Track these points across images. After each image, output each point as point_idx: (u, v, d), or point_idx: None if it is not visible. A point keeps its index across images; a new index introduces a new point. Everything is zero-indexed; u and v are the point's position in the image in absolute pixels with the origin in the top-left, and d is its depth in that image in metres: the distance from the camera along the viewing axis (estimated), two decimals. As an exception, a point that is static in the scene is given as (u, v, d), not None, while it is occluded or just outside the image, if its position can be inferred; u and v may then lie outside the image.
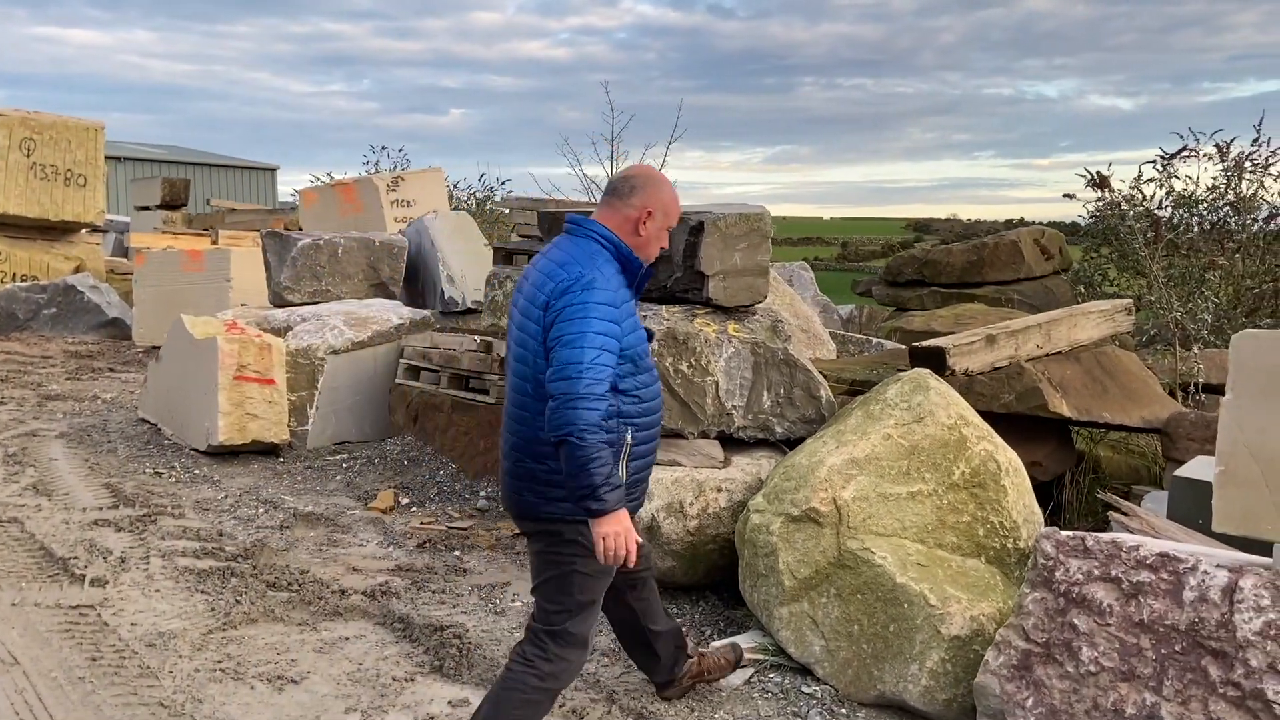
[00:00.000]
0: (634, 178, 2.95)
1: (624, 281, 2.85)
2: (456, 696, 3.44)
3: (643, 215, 2.86)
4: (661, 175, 3.01)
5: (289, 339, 7.52)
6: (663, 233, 2.92)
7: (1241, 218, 8.09)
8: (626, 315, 2.79)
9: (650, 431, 2.90)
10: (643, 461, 2.91)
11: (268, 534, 5.22)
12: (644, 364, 2.86)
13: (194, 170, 35.55)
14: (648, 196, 2.87)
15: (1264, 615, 2.63)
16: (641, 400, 2.82)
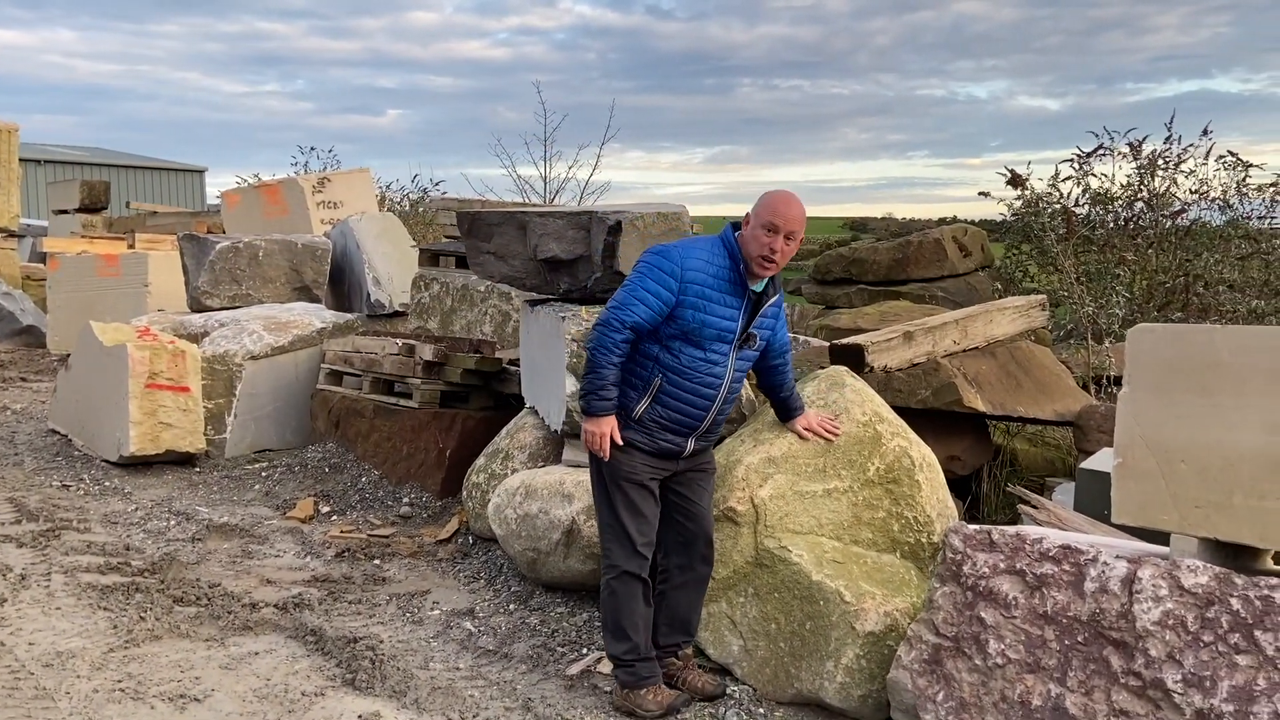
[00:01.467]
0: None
1: (726, 276, 3.31)
2: (368, 710, 3.35)
3: (745, 219, 3.37)
4: (775, 192, 3.36)
5: (205, 345, 7.33)
6: (757, 230, 3.28)
7: (1154, 214, 8.31)
8: (696, 294, 3.27)
9: (682, 394, 3.33)
10: (666, 413, 3.35)
11: (178, 547, 5.06)
12: (700, 342, 3.30)
13: (118, 172, 34.55)
14: (755, 206, 3.35)
15: (1161, 605, 2.67)
16: (681, 363, 3.31)
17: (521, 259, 4.96)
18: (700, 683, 3.51)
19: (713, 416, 3.40)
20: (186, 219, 17.24)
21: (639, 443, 3.36)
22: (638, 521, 3.38)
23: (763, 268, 3.31)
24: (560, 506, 4.28)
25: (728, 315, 3.32)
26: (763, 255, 3.27)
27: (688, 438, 3.40)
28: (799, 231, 3.33)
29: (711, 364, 3.33)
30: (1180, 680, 2.62)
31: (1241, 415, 2.60)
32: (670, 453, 3.41)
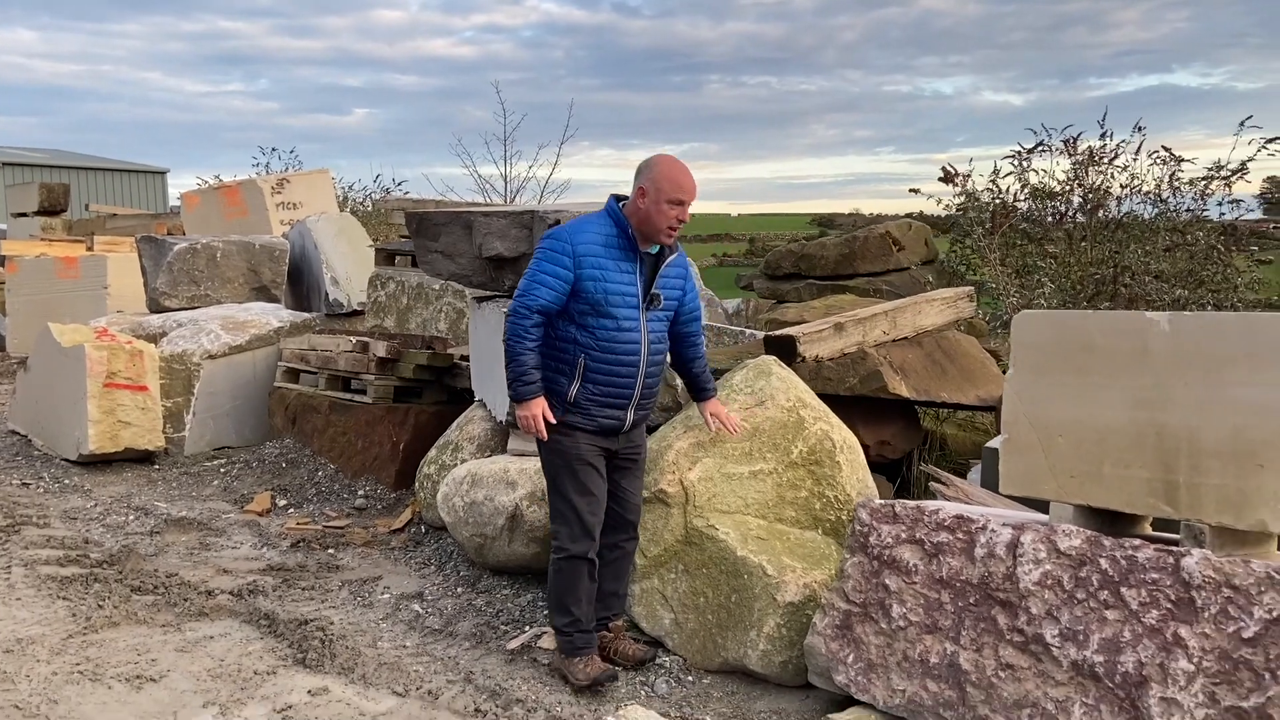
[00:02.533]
0: (641, 164, 3.57)
1: (618, 244, 3.49)
2: (317, 685, 3.54)
3: (639, 194, 3.49)
4: (658, 159, 3.53)
5: (163, 345, 7.44)
6: (662, 205, 3.44)
7: (1089, 208, 8.62)
8: (591, 266, 3.43)
9: (606, 367, 3.48)
10: (597, 390, 3.50)
11: (136, 540, 5.21)
12: (607, 310, 3.44)
13: (79, 174, 34.19)
14: (642, 179, 3.49)
15: (1041, 567, 2.92)
16: (597, 338, 3.46)
17: (468, 257, 5.15)
18: (630, 650, 3.72)
19: (641, 383, 3.55)
20: (147, 221, 17.23)
21: (580, 424, 3.53)
22: (586, 500, 3.55)
23: (669, 238, 3.51)
24: (504, 493, 4.48)
25: (627, 280, 3.49)
26: (670, 227, 3.47)
27: (625, 409, 3.56)
28: (695, 197, 3.54)
29: (625, 331, 3.48)
30: (1058, 635, 2.87)
31: (1110, 393, 2.85)
32: (611, 428, 3.57)
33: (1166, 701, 2.65)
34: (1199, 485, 2.67)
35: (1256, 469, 2.58)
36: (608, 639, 3.72)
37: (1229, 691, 2.56)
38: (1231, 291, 7.82)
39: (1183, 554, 2.67)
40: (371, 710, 3.36)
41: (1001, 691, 2.96)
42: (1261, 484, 2.57)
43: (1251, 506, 2.59)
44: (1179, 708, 2.63)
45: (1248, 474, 2.59)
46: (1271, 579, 2.53)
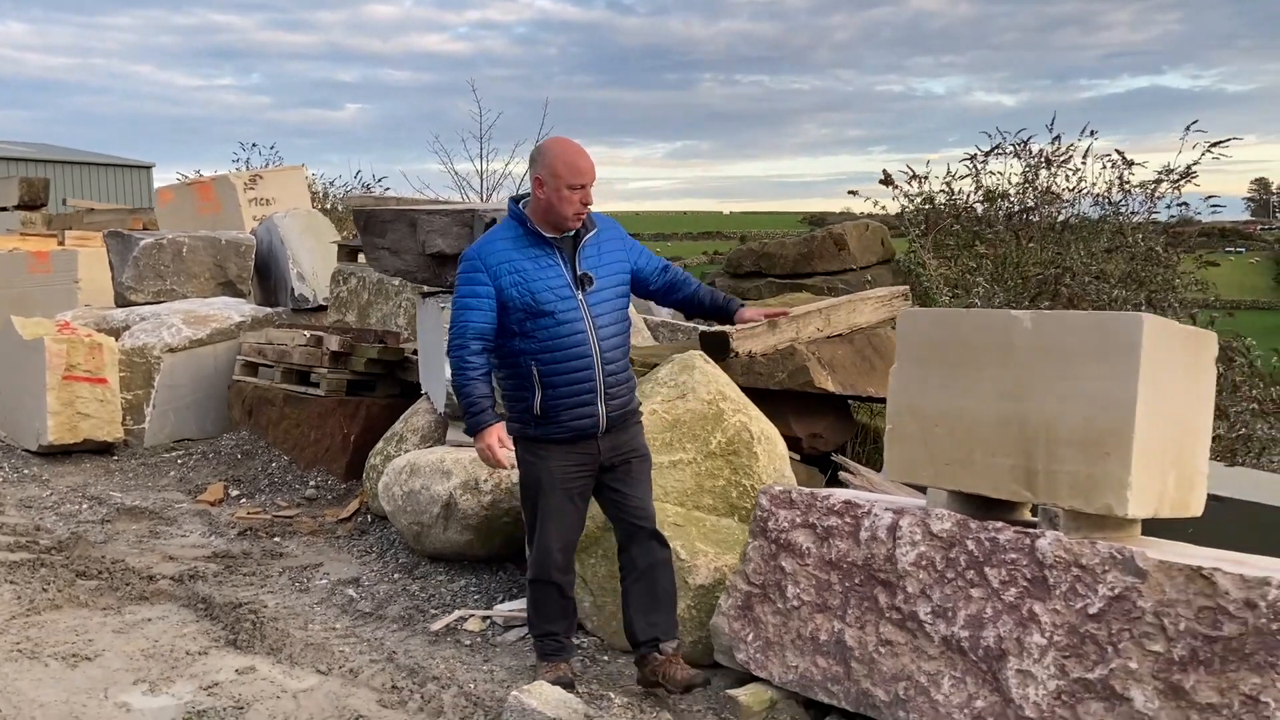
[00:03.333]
0: (533, 153, 3.49)
1: (527, 242, 3.39)
2: (244, 665, 3.70)
3: (536, 185, 3.39)
4: (549, 144, 3.43)
5: (125, 338, 7.58)
6: (563, 192, 3.31)
7: (1038, 209, 8.83)
8: (508, 272, 3.34)
9: (560, 366, 3.35)
10: (559, 393, 3.36)
11: (87, 528, 5.36)
12: (542, 309, 3.33)
13: (64, 169, 34.13)
14: (537, 168, 3.38)
15: (916, 548, 3.10)
16: (540, 340, 3.33)
17: (413, 254, 5.31)
18: (679, 674, 3.43)
19: (601, 371, 3.39)
20: (124, 215, 17.29)
21: (554, 435, 3.39)
22: (553, 526, 3.45)
23: (577, 222, 3.37)
24: (440, 482, 4.64)
25: (550, 273, 3.36)
26: (575, 212, 3.35)
27: (594, 404, 3.39)
28: (595, 176, 3.42)
29: (566, 324, 3.34)
30: (930, 612, 3.05)
31: (980, 386, 3.03)
32: (587, 429, 3.40)
33: (1022, 674, 2.83)
34: (1055, 472, 2.86)
35: (1103, 456, 2.76)
36: (656, 662, 3.46)
37: (1077, 664, 2.74)
38: (1170, 292, 8.04)
39: (1038, 536, 2.85)
40: (293, 688, 3.52)
41: (881, 666, 3.15)
42: (1108, 470, 2.75)
43: (1099, 491, 2.77)
44: (1033, 679, 2.81)
45: (1096, 461, 2.77)
46: (1114, 558, 2.71)
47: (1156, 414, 2.78)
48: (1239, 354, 7.51)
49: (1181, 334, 2.98)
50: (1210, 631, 2.53)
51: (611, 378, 3.43)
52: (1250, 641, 2.47)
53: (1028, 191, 8.98)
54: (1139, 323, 2.74)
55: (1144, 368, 2.72)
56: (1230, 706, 2.48)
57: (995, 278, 7.90)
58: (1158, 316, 2.87)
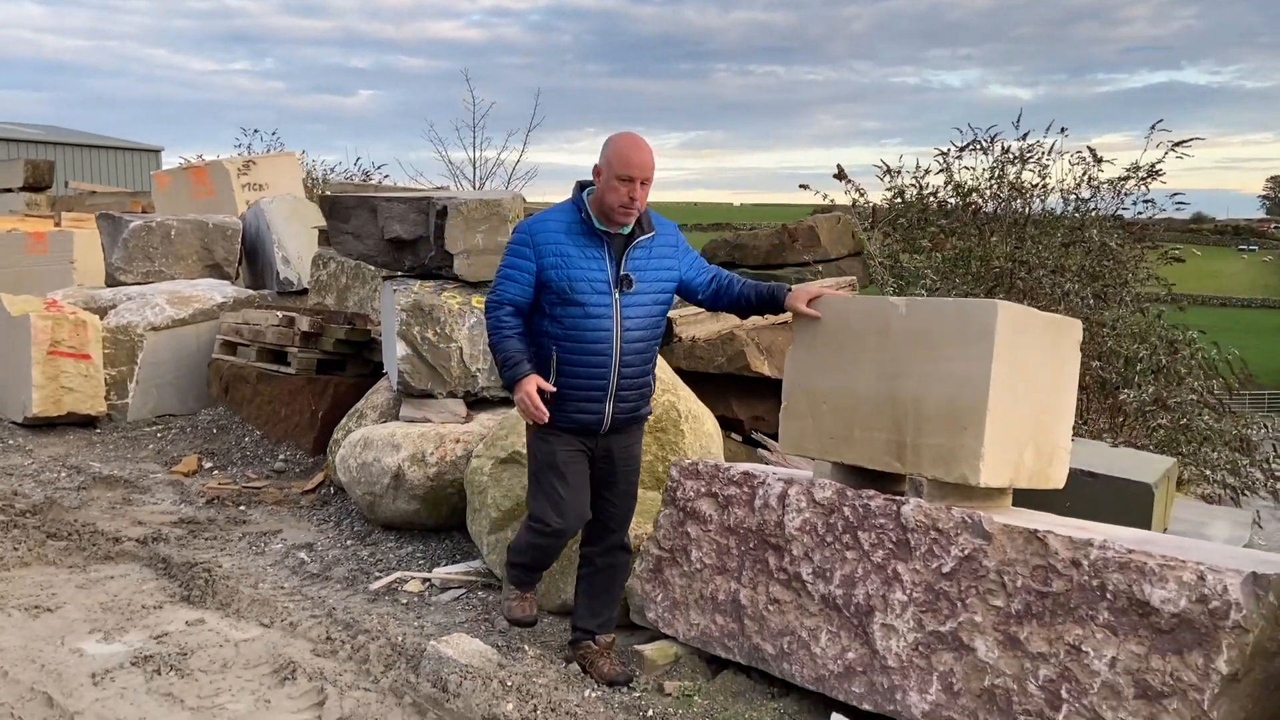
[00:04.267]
0: (604, 144, 3.46)
1: (579, 230, 3.39)
2: (194, 618, 3.98)
3: (595, 173, 3.41)
4: (615, 135, 3.43)
5: (111, 317, 7.86)
6: (613, 182, 3.31)
7: (1001, 204, 9.05)
8: (552, 254, 3.35)
9: (578, 358, 3.36)
10: (571, 384, 3.37)
11: (63, 494, 5.65)
12: (575, 298, 3.33)
13: (72, 151, 34.49)
14: (600, 157, 3.40)
15: (802, 515, 3.36)
16: (565, 327, 3.34)
17: (374, 239, 5.58)
18: (607, 668, 3.52)
19: (617, 372, 3.37)
20: (124, 198, 17.60)
21: (556, 423, 3.38)
22: (565, 487, 3.43)
23: (625, 216, 3.34)
24: (390, 455, 4.92)
25: (594, 265, 3.34)
26: (622, 205, 3.31)
27: (602, 402, 3.38)
28: (652, 175, 3.37)
29: (593, 318, 3.33)
30: (812, 573, 3.31)
31: (861, 367, 3.29)
32: (589, 425, 3.41)
33: (887, 627, 3.10)
34: (920, 445, 3.11)
35: (961, 430, 3.02)
36: (591, 651, 3.58)
37: (932, 618, 3.01)
38: (1122, 287, 8.25)
39: (903, 503, 3.11)
40: (236, 638, 3.80)
41: (770, 623, 3.41)
42: (964, 444, 3.01)
43: (957, 462, 3.03)
44: (895, 632, 3.08)
45: (955, 435, 3.03)
46: (965, 523, 2.97)
47: (1012, 393, 3.03)
48: (1183, 346, 7.74)
49: (1042, 320, 3.23)
50: (1042, 588, 2.79)
51: (626, 381, 3.41)
52: (1074, 596, 2.73)
53: (993, 186, 9.20)
54: (994, 309, 2.99)
55: (998, 350, 2.97)
56: (1057, 655, 2.75)
57: (950, 271, 8.13)
58: (1014, 304, 3.12)
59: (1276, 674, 2.58)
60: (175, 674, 3.49)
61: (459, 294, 5.16)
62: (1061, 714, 2.71)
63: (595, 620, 3.63)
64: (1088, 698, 2.66)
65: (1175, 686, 2.52)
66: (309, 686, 3.40)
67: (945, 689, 2.94)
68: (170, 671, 3.51)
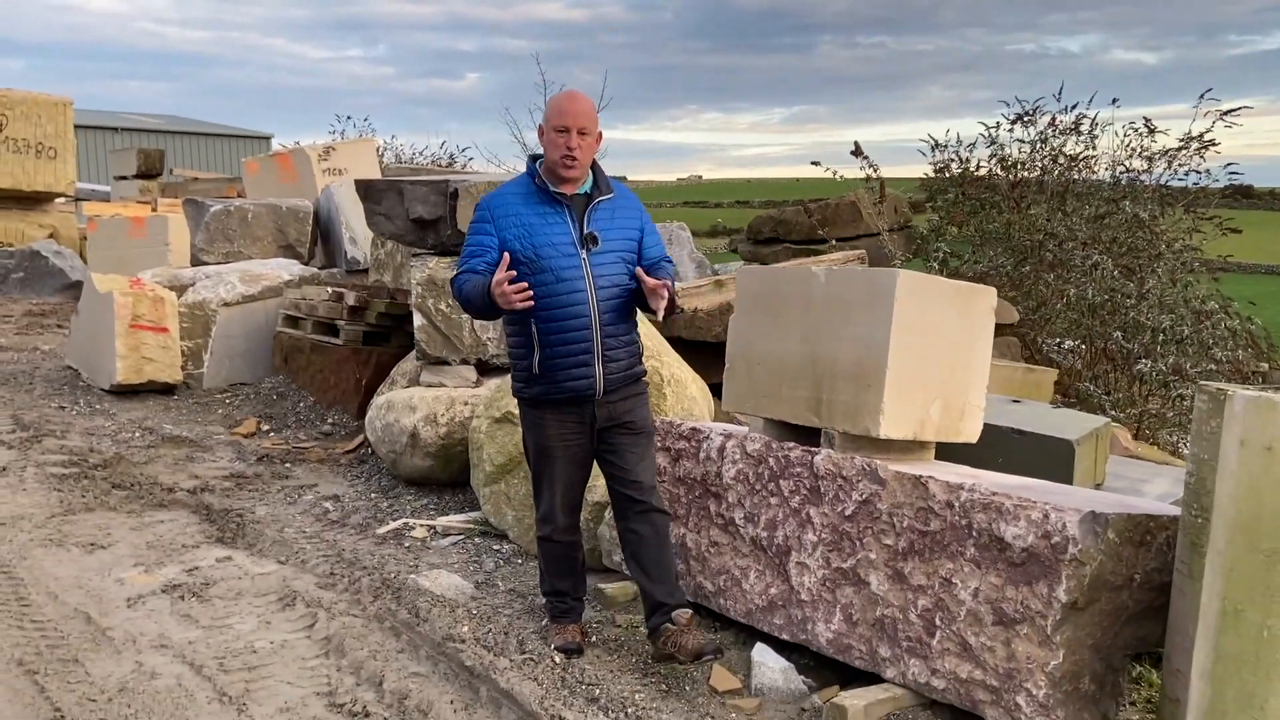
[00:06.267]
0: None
1: (537, 198, 3.39)
2: (223, 555, 4.53)
3: (539, 134, 3.46)
4: (557, 95, 3.47)
5: (188, 294, 8.58)
6: (551, 135, 3.34)
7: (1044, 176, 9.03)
8: (513, 225, 3.34)
9: (557, 325, 3.34)
10: (556, 352, 3.36)
11: (134, 451, 6.31)
12: (540, 264, 3.31)
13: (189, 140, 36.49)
14: (543, 118, 3.45)
15: (736, 465, 3.68)
16: (539, 296, 3.27)
17: (401, 219, 6.05)
18: (690, 643, 3.29)
19: (600, 332, 3.37)
20: (221, 184, 18.71)
21: (551, 395, 3.40)
22: (558, 488, 3.50)
23: (568, 169, 3.33)
24: (407, 416, 5.40)
25: (556, 229, 3.35)
26: (563, 157, 3.31)
27: (590, 366, 3.37)
28: (591, 126, 3.34)
29: (565, 280, 3.32)
30: (743, 518, 3.64)
31: (789, 331, 3.58)
32: (582, 392, 3.39)
33: (801, 565, 3.41)
34: (834, 401, 3.40)
35: (866, 388, 3.29)
36: (670, 632, 3.33)
37: (836, 555, 3.30)
38: (1155, 258, 8.20)
39: (816, 453, 3.41)
40: (255, 571, 4.33)
41: (710, 563, 3.75)
42: (868, 400, 3.29)
43: (862, 417, 3.31)
44: (807, 569, 3.39)
45: (861, 392, 3.31)
46: (865, 470, 3.25)
47: (913, 353, 3.29)
48: (1210, 316, 7.66)
49: (950, 287, 3.46)
50: (923, 527, 3.06)
51: (610, 339, 3.40)
52: (948, 534, 2.99)
53: (1035, 158, 9.20)
54: (894, 277, 3.26)
55: (897, 315, 3.24)
56: (933, 587, 3.02)
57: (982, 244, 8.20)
58: (917, 272, 3.38)
59: (1123, 605, 2.81)
60: (196, 600, 4.03)
61: (472, 269, 5.60)
62: (935, 639, 2.98)
63: (663, 589, 3.40)
64: (955, 624, 2.93)
65: (1025, 613, 2.78)
66: (305, 612, 3.89)
67: (846, 620, 3.24)
68: (192, 598, 4.05)
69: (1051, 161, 9.21)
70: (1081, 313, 7.72)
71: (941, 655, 2.96)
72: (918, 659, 3.03)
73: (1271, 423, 2.31)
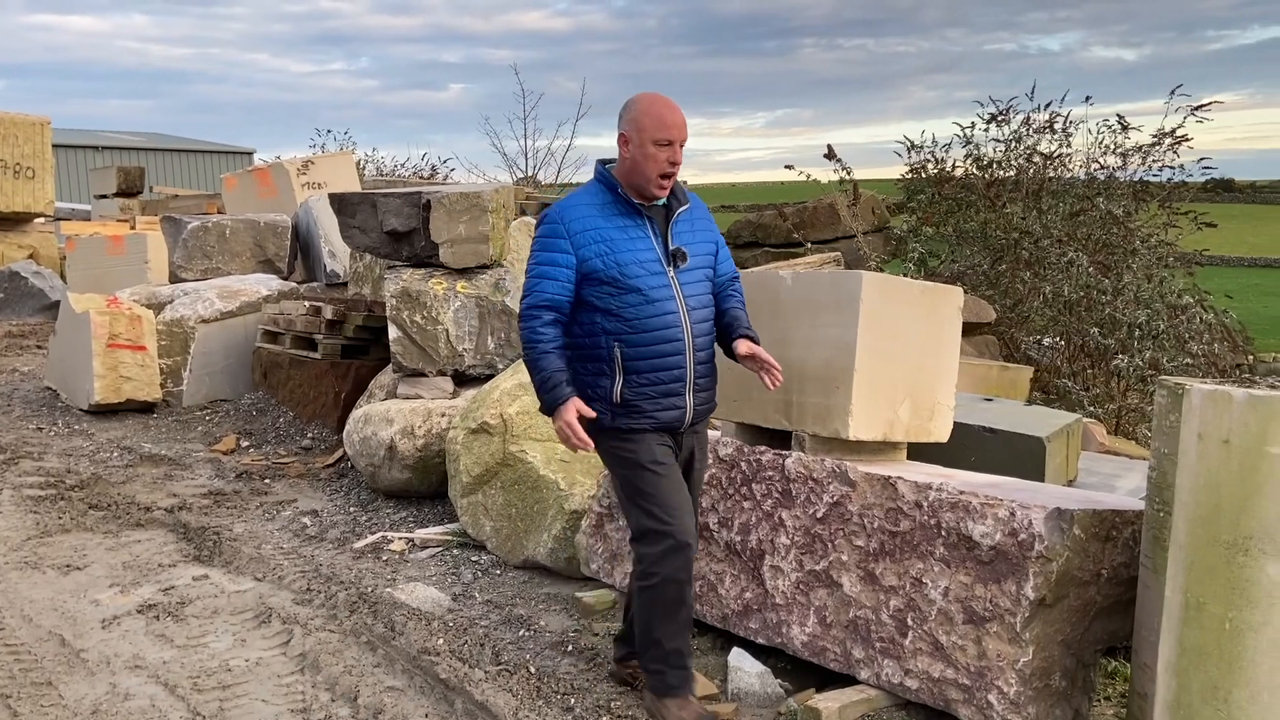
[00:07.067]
0: (621, 109, 3.06)
1: (616, 210, 3.02)
2: (200, 574, 4.50)
3: (621, 142, 3.02)
4: (637, 97, 3.04)
5: (166, 311, 8.55)
6: (648, 148, 2.95)
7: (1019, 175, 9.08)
8: (592, 241, 2.96)
9: (648, 350, 2.96)
10: (644, 379, 2.97)
11: (112, 471, 6.28)
12: (628, 284, 2.94)
13: (170, 156, 36.35)
14: (622, 124, 3.02)
15: (709, 471, 3.68)
16: (625, 319, 2.94)
17: (375, 231, 6.04)
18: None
19: (693, 358, 3.02)
20: (201, 200, 18.65)
21: (639, 424, 2.99)
22: (674, 503, 2.98)
23: (665, 186, 3.00)
24: (384, 429, 5.39)
25: (640, 245, 2.99)
26: (663, 174, 2.97)
27: (682, 395, 3.01)
28: (687, 136, 3.06)
29: (656, 302, 2.96)
30: (718, 522, 3.64)
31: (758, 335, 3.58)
32: (673, 423, 3.04)
33: (774, 568, 3.41)
34: (804, 404, 3.41)
35: (835, 390, 3.30)
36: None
37: (809, 558, 3.31)
38: (1130, 254, 8.25)
39: (787, 456, 3.41)
40: (231, 589, 4.31)
41: (686, 570, 3.75)
42: (838, 402, 3.30)
43: (831, 419, 3.32)
44: (781, 573, 3.39)
45: (830, 394, 3.32)
46: (835, 472, 3.26)
47: (881, 355, 3.31)
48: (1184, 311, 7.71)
49: (915, 288, 3.48)
50: (893, 528, 3.07)
51: (701, 366, 3.06)
52: (918, 534, 3.00)
53: (1011, 157, 9.25)
54: (860, 279, 3.27)
55: (864, 317, 3.25)
56: (904, 587, 3.03)
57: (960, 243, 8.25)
58: (882, 274, 3.39)
59: (1091, 600, 2.82)
60: (171, 619, 4.01)
61: (445, 280, 5.59)
62: (908, 639, 2.99)
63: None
64: (927, 624, 2.94)
65: (995, 611, 2.79)
66: (281, 628, 3.87)
67: (820, 622, 3.25)
68: (168, 617, 4.03)
69: (1026, 160, 9.26)
70: (1058, 310, 7.77)
71: (914, 655, 2.97)
72: (891, 659, 3.03)
73: (1228, 416, 2.32)
